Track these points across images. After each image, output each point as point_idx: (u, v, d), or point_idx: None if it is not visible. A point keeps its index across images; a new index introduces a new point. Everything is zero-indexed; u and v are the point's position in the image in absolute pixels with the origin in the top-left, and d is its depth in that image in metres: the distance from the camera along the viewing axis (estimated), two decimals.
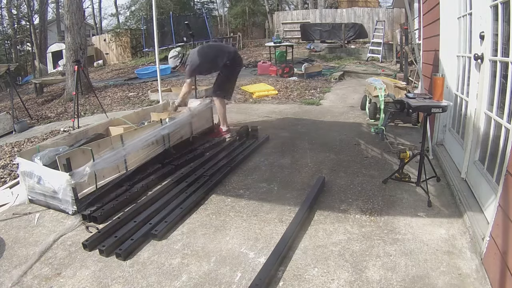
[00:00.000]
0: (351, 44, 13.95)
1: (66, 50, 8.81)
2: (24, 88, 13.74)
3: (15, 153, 4.49)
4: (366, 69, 9.89)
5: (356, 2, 18.14)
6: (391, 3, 15.47)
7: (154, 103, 6.38)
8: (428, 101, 2.62)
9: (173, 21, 15.66)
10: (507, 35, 2.12)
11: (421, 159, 2.75)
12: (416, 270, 1.92)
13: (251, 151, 3.77)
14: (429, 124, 3.41)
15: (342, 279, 1.88)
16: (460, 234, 2.22)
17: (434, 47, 3.66)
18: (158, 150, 3.48)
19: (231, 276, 1.93)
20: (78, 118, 5.54)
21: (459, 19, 3.14)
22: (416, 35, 7.44)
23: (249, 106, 6.34)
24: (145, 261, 2.09)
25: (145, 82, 9.97)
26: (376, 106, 4.69)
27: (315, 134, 4.38)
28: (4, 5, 22.19)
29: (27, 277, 1.98)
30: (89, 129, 3.58)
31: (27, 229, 2.49)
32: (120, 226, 2.36)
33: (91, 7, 31.24)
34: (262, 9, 23.16)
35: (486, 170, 2.36)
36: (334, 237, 2.25)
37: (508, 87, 1.98)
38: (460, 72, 3.19)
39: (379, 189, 2.87)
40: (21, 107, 7.67)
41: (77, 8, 8.50)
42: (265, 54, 12.94)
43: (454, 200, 2.63)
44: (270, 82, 8.28)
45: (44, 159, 2.81)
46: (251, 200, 2.79)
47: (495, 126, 2.28)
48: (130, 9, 23.32)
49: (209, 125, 4.49)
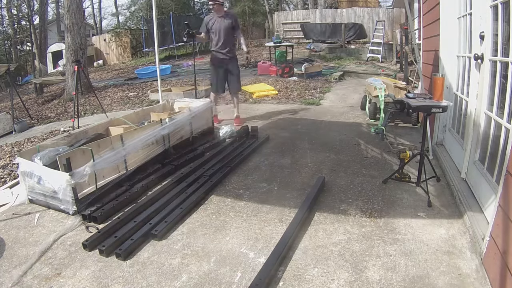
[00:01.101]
0: (351, 44, 13.95)
1: (66, 50, 8.82)
2: (24, 88, 13.76)
3: (15, 153, 4.49)
4: (366, 69, 9.89)
5: (356, 2, 18.14)
6: (391, 3, 15.47)
7: (154, 103, 6.38)
8: (428, 101, 2.62)
9: (173, 21, 15.66)
10: (507, 35, 2.12)
11: (421, 159, 2.75)
12: (416, 270, 1.92)
13: (251, 151, 3.77)
14: (429, 124, 3.41)
15: (342, 279, 1.88)
16: (460, 234, 2.22)
17: (434, 47, 3.66)
18: (158, 150, 3.48)
19: (231, 276, 1.93)
20: (78, 118, 5.54)
21: (459, 19, 3.14)
22: (416, 35, 7.44)
23: (249, 106, 6.34)
24: (145, 261, 2.09)
25: (145, 82, 9.97)
26: (376, 106, 4.69)
27: (315, 134, 4.38)
28: (4, 5, 22.20)
29: (27, 277, 1.98)
30: (89, 129, 3.58)
31: (27, 229, 2.49)
32: (120, 226, 2.37)
33: (91, 7, 31.25)
34: (262, 9, 23.14)
35: (486, 170, 2.36)
36: (334, 237, 2.25)
37: (508, 87, 1.98)
38: (460, 72, 3.19)
39: (379, 189, 2.87)
40: (21, 107, 7.67)
41: (77, 8, 8.51)
42: (265, 54, 12.94)
43: (454, 200, 2.63)
44: (270, 82, 8.28)
45: (44, 159, 2.81)
46: (251, 200, 2.79)
47: (495, 126, 2.28)
48: (130, 9, 23.33)
49: (209, 125, 4.49)
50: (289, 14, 18.68)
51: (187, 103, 4.60)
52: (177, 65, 13.58)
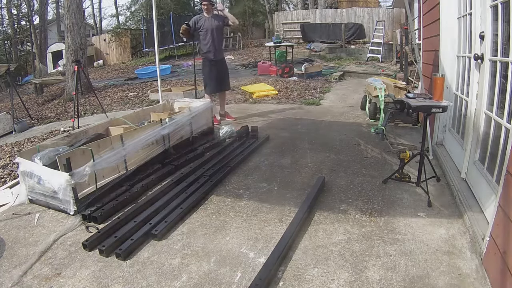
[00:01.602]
0: (351, 44, 13.96)
1: (66, 50, 8.82)
2: (24, 88, 13.75)
3: (15, 153, 4.49)
4: (366, 69, 9.89)
5: (356, 2, 18.14)
6: (391, 3, 15.47)
7: (154, 103, 6.38)
8: (428, 101, 2.62)
9: (173, 21, 15.66)
10: (507, 35, 2.12)
11: (421, 159, 2.75)
12: (416, 270, 1.92)
13: (251, 151, 3.77)
14: (429, 124, 3.41)
15: (342, 279, 1.88)
16: (460, 234, 2.22)
17: (434, 47, 3.66)
18: (158, 150, 3.48)
19: (231, 276, 1.93)
20: (78, 118, 5.55)
21: (459, 19, 3.14)
22: (416, 35, 7.44)
23: (249, 106, 6.34)
24: (145, 261, 2.09)
25: (145, 82, 9.97)
26: (376, 106, 4.69)
27: (315, 134, 4.38)
28: (4, 5, 22.21)
29: (27, 277, 1.98)
30: (89, 129, 3.58)
31: (27, 229, 2.49)
32: (120, 226, 2.36)
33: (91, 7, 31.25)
34: (262, 9, 23.17)
35: (486, 170, 2.36)
36: (334, 237, 2.25)
37: (508, 87, 1.98)
38: (460, 72, 3.19)
39: (379, 189, 2.87)
40: (21, 107, 7.67)
41: (77, 8, 8.51)
42: (265, 54, 12.94)
43: (454, 200, 2.63)
44: (270, 82, 8.28)
45: (44, 159, 2.81)
46: (251, 200, 2.79)
47: (495, 126, 2.28)
48: (130, 9, 23.33)
49: (209, 125, 4.49)
50: (289, 14, 18.69)
51: (187, 103, 4.60)
52: (177, 65, 13.58)
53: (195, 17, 4.80)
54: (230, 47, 17.59)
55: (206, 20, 4.68)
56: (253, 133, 4.25)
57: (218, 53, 4.85)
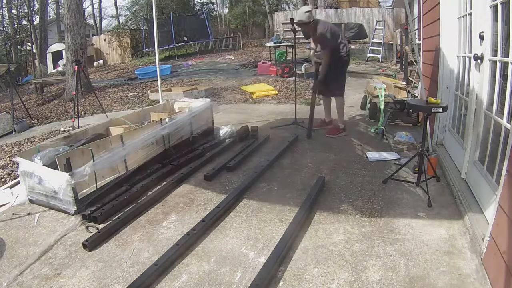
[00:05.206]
0: (351, 44, 13.93)
1: (66, 50, 8.81)
2: (24, 88, 13.73)
3: (15, 153, 4.49)
4: (366, 69, 9.89)
5: (357, 2, 18.15)
6: (391, 3, 15.47)
7: (154, 103, 6.38)
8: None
9: (173, 21, 15.67)
10: (507, 35, 2.12)
11: (421, 159, 2.75)
12: (416, 270, 1.92)
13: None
14: (429, 124, 3.41)
15: (342, 279, 1.88)
16: (460, 234, 2.22)
17: (434, 47, 3.66)
18: (158, 150, 3.48)
19: (231, 276, 1.93)
20: (78, 118, 5.54)
21: (459, 19, 3.14)
22: (416, 35, 7.44)
23: (249, 106, 6.34)
24: (145, 261, 2.09)
25: (145, 82, 9.96)
26: (376, 106, 4.69)
27: (315, 134, 4.38)
28: (4, 5, 22.19)
29: (27, 277, 1.98)
30: (89, 129, 3.58)
31: (27, 229, 2.49)
32: (120, 226, 2.37)
33: (91, 7, 31.19)
34: (262, 9, 23.17)
35: (486, 170, 2.35)
36: (334, 237, 2.25)
37: (508, 87, 1.98)
38: (460, 72, 3.19)
39: (379, 189, 2.87)
40: (21, 107, 7.67)
41: (77, 8, 8.50)
42: (265, 54, 12.92)
43: (454, 200, 2.63)
44: (270, 82, 8.28)
45: (44, 159, 2.81)
46: (251, 200, 2.79)
47: (495, 126, 2.28)
48: (131, 9, 23.33)
49: (209, 125, 4.49)
50: (289, 14, 18.67)
51: (187, 103, 4.60)
52: (177, 65, 13.56)
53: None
54: (230, 47, 17.59)
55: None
56: (253, 133, 4.25)
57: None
